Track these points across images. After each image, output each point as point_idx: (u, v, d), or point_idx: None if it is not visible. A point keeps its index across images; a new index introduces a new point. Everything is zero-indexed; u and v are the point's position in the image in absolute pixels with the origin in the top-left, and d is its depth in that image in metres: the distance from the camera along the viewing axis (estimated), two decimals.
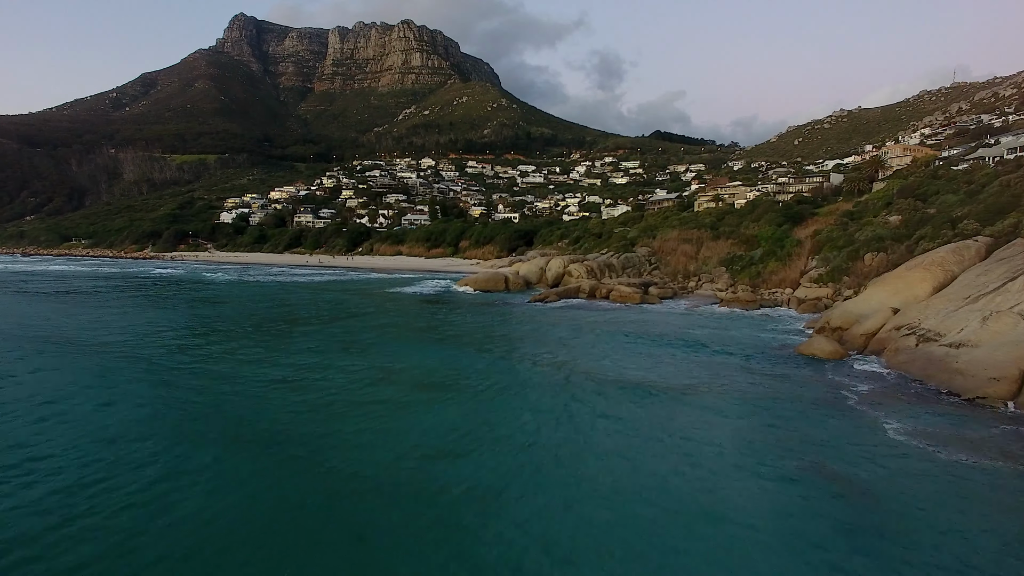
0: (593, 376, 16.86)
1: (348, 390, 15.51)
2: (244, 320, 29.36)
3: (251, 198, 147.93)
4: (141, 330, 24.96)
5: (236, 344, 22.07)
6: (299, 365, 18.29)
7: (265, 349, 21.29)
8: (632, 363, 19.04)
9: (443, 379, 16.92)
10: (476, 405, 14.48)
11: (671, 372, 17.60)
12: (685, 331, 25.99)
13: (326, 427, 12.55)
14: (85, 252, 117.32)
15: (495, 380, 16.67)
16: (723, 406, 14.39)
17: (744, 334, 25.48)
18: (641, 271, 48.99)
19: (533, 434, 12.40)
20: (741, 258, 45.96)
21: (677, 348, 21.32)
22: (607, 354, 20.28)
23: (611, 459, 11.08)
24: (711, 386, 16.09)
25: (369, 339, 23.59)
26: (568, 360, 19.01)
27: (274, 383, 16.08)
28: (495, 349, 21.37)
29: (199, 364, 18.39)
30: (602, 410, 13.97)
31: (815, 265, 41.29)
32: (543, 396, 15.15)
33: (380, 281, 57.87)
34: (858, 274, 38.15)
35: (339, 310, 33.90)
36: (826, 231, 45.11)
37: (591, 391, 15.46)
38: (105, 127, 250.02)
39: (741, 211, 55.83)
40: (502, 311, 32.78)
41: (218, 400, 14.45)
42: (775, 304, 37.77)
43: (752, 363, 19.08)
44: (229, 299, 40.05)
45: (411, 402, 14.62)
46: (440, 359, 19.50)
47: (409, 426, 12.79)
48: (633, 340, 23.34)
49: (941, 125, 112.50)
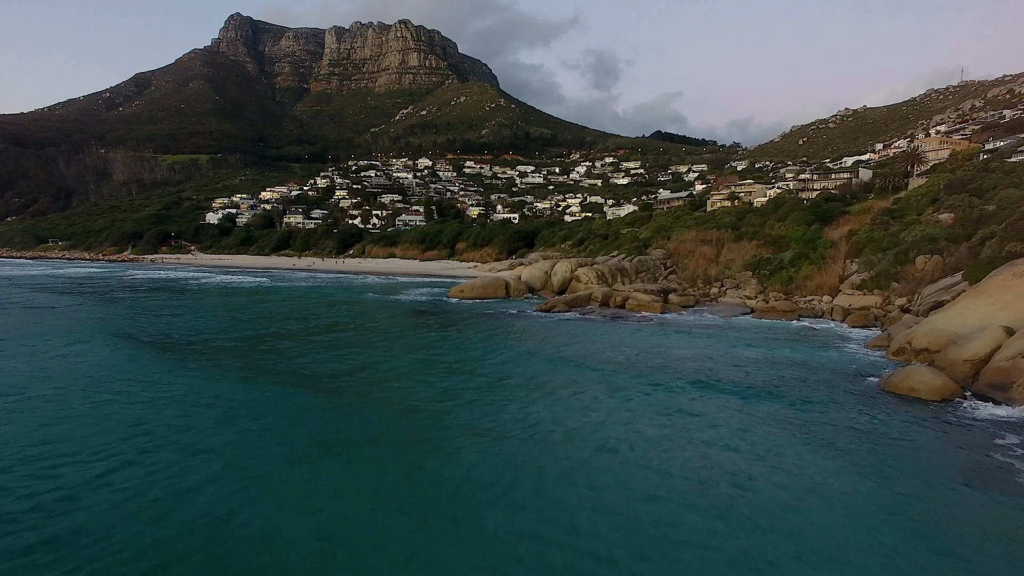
0: (650, 465, 11.05)
1: (253, 463, 10.58)
2: (173, 335, 24.35)
3: (240, 198, 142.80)
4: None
5: (126, 374, 17.12)
6: (223, 399, 13.40)
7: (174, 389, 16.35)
8: (691, 425, 14.15)
9: (413, 472, 10.10)
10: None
11: (751, 447, 12.15)
12: (730, 356, 21.15)
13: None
14: (61, 254, 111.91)
15: (499, 482, 9.75)
16: (848, 511, 9.44)
17: (800, 358, 20.66)
18: (656, 275, 44.17)
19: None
20: (769, 261, 41.17)
21: (734, 393, 16.15)
22: (655, 409, 15.35)
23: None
24: (807, 472, 11.13)
25: (327, 370, 18.66)
26: (601, 426, 13.40)
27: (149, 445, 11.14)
28: (494, 398, 15.07)
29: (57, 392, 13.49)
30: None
31: (856, 269, 36.51)
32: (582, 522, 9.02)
33: (367, 287, 52.96)
34: (909, 279, 33.43)
35: (305, 325, 28.91)
36: (864, 231, 40.38)
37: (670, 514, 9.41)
38: (96, 127, 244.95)
39: (763, 210, 51.09)
40: (504, 327, 27.84)
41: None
42: (815, 314, 32.98)
43: (837, 414, 14.22)
44: (179, 309, 35.07)
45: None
46: (414, 421, 13.05)
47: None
48: (675, 373, 18.49)
49: (958, 121, 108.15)
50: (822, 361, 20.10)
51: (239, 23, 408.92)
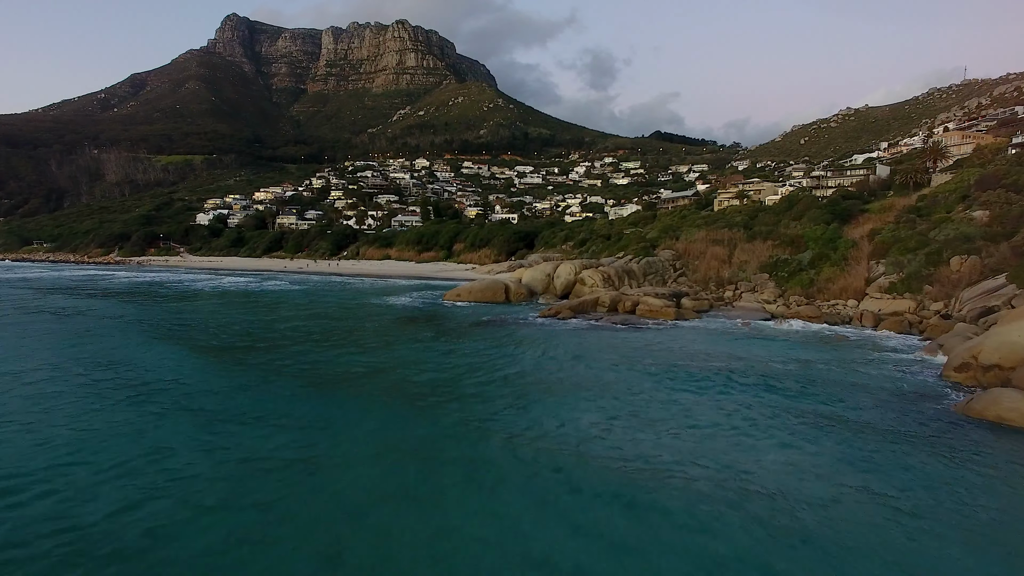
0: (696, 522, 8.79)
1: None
2: (129, 345, 21.61)
3: (233, 199, 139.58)
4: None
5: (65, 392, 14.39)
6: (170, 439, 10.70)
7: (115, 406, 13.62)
8: (734, 459, 11.48)
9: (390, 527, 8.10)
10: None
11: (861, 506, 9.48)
12: (760, 368, 18.48)
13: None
14: (45, 256, 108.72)
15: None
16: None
17: (848, 375, 18.00)
18: (665, 278, 41.50)
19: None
20: (787, 262, 38.50)
21: (802, 430, 13.35)
22: (692, 437, 12.66)
23: None
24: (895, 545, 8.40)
25: (299, 393, 15.94)
26: (627, 454, 11.10)
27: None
28: (497, 426, 12.66)
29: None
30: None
31: (883, 271, 33.87)
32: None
33: (358, 290, 50.21)
34: (944, 282, 30.79)
35: (284, 334, 26.17)
36: (888, 230, 37.77)
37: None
38: (89, 127, 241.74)
39: (776, 208, 48.47)
40: (504, 336, 25.12)
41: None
42: (841, 320, 30.34)
43: (926, 451, 11.53)
44: (142, 317, 32.31)
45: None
46: (387, 469, 10.57)
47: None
48: (701, 393, 15.83)
49: (967, 119, 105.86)
50: (874, 379, 17.40)
51: (236, 23, 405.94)
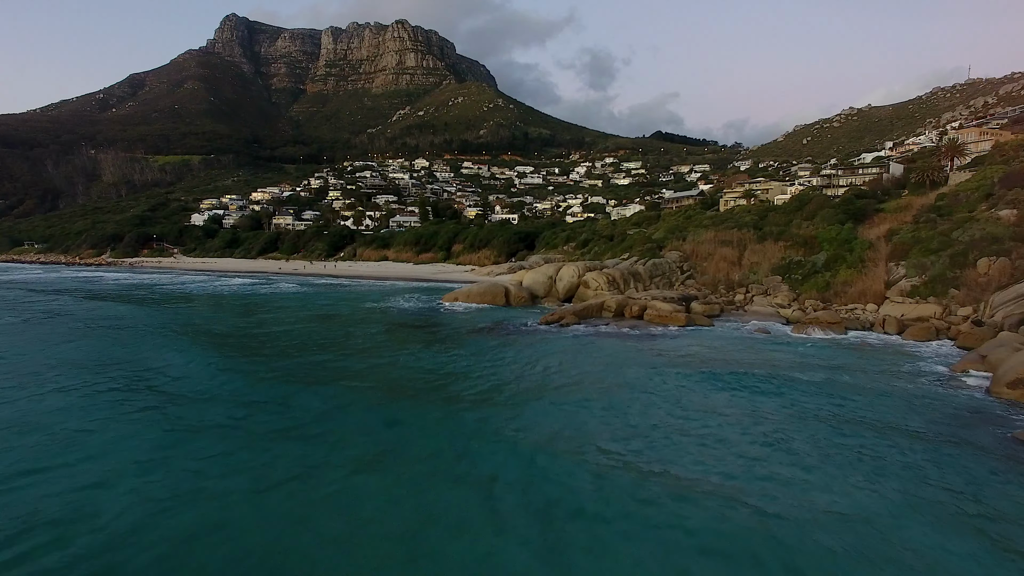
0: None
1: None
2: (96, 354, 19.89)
3: (229, 199, 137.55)
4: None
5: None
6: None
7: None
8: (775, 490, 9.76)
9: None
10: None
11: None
12: (790, 386, 16.75)
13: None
14: (36, 258, 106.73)
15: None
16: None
17: (882, 391, 16.28)
18: (672, 280, 39.76)
19: None
20: (800, 264, 36.80)
21: (829, 464, 11.75)
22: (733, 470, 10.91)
23: None
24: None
25: (263, 422, 14.22)
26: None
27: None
28: (496, 481, 10.81)
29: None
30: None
31: (904, 273, 32.12)
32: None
33: (353, 294, 48.43)
34: (971, 285, 29.05)
35: (268, 342, 24.44)
36: (907, 230, 36.04)
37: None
38: (86, 128, 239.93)
39: (787, 207, 46.72)
40: (503, 346, 23.33)
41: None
42: (862, 326, 28.57)
43: (993, 490, 9.79)
44: (115, 318, 30.58)
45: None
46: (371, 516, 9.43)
47: None
48: (731, 424, 14.10)
49: (974, 117, 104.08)
50: (917, 397, 15.65)
51: (235, 24, 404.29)
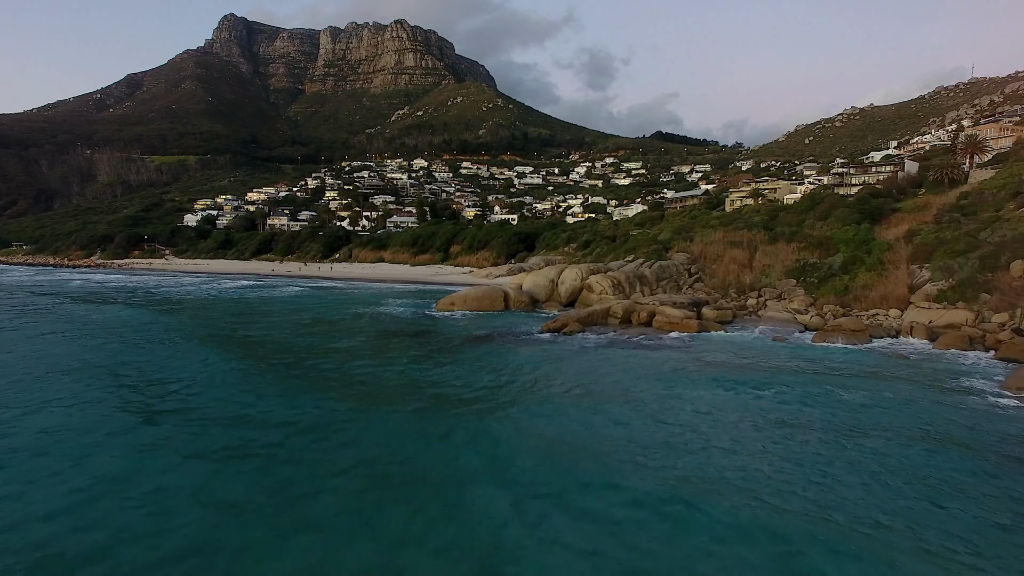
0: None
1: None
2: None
3: (224, 199, 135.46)
4: None
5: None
6: None
7: None
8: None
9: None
10: None
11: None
12: (830, 406, 14.76)
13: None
14: (24, 259, 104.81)
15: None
16: None
17: (933, 414, 14.28)
18: (680, 283, 37.76)
19: None
20: (816, 267, 34.81)
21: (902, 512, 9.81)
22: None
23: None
24: None
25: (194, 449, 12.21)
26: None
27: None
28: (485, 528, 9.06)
29: None
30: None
31: (929, 276, 30.13)
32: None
33: (343, 298, 46.38)
34: (1004, 290, 27.03)
35: (229, 354, 22.43)
36: (929, 231, 34.08)
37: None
38: (82, 128, 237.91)
39: (799, 207, 44.77)
40: (501, 357, 21.30)
41: None
42: (887, 333, 26.56)
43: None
44: (86, 322, 28.53)
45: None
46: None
47: None
48: (765, 455, 12.11)
49: (982, 116, 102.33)
50: (973, 421, 13.65)
51: (233, 24, 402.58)
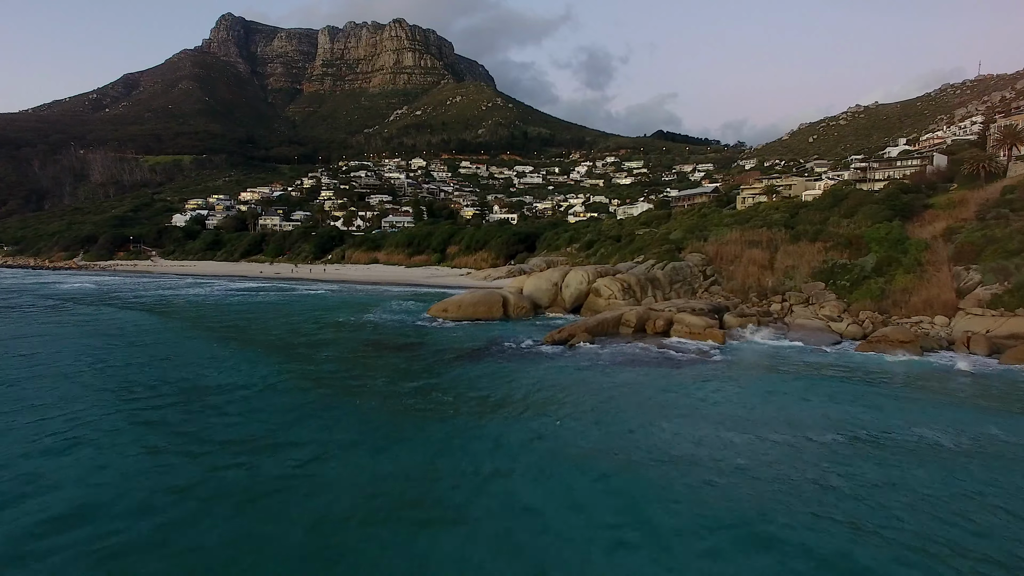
0: None
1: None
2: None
3: (216, 199, 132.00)
4: None
5: None
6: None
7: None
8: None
9: None
10: None
11: None
12: (926, 440, 11.55)
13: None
14: (3, 261, 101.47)
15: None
16: None
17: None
18: (695, 287, 34.52)
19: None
20: (847, 268, 31.59)
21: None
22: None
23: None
24: None
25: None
26: None
27: None
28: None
29: None
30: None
31: (980, 279, 26.90)
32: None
33: (331, 303, 43.12)
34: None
35: (183, 375, 19.19)
36: (971, 228, 30.85)
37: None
38: (76, 127, 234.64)
39: (820, 204, 41.59)
40: (497, 380, 18.06)
41: None
42: (938, 344, 23.32)
43: None
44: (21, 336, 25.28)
45: None
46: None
47: None
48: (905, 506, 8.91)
49: (996, 112, 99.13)
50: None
51: (231, 23, 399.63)
